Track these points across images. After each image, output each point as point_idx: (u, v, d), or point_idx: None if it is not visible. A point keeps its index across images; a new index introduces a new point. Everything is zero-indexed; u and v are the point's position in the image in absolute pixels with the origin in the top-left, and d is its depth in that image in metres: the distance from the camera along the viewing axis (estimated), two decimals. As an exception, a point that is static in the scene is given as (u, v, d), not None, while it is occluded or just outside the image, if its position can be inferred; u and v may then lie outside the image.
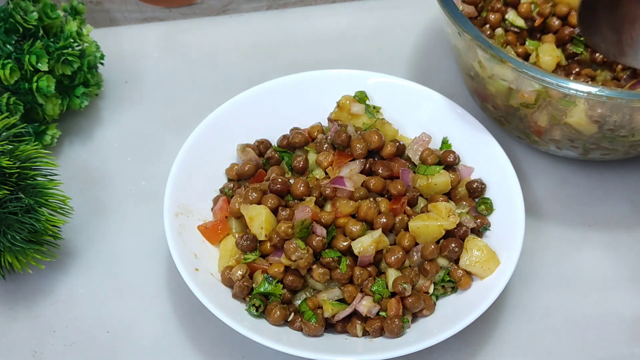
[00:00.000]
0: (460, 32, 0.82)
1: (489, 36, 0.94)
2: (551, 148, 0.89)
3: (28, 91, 0.88)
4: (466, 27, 0.81)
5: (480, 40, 0.80)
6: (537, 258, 0.87)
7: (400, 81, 0.92)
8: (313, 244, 0.76)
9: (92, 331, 0.82)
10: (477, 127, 0.88)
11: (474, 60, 0.84)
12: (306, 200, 0.80)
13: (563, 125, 0.82)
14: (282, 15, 1.12)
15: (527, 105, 0.82)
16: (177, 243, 0.78)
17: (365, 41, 1.09)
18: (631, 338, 0.82)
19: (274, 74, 0.93)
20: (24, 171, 0.78)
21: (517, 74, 0.79)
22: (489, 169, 0.86)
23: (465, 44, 0.84)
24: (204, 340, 0.81)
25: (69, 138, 0.97)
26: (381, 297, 0.77)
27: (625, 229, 0.90)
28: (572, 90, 0.76)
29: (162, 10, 1.10)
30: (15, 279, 0.85)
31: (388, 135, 0.86)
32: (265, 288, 0.77)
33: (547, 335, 0.82)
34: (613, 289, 0.85)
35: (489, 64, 0.82)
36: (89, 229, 0.89)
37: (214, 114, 0.88)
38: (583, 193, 0.93)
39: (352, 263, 0.77)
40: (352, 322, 0.77)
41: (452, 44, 0.91)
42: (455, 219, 0.79)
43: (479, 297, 0.76)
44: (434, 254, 0.78)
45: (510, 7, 0.96)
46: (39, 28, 0.90)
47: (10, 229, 0.77)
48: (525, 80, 0.79)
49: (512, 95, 0.83)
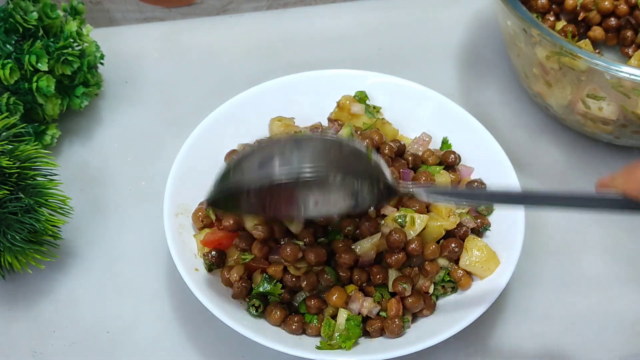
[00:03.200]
0: (527, 29, 0.84)
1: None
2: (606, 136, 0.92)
3: (28, 91, 0.88)
4: (534, 24, 0.84)
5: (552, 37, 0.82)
6: (537, 258, 0.87)
7: (400, 81, 0.92)
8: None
9: (92, 331, 0.82)
10: (477, 127, 0.88)
11: (541, 55, 0.86)
12: None
13: (631, 114, 0.84)
14: (282, 15, 1.12)
15: (595, 97, 0.84)
16: (177, 243, 0.78)
17: (365, 41, 1.09)
18: (631, 338, 0.82)
19: (274, 74, 0.93)
20: (24, 171, 0.78)
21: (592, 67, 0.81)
22: (489, 169, 0.86)
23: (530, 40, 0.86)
24: (204, 340, 0.81)
25: (69, 138, 0.97)
26: (381, 297, 0.77)
27: (625, 229, 0.90)
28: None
29: (162, 10, 1.10)
30: (15, 279, 0.85)
31: (388, 135, 0.87)
32: (264, 288, 0.77)
33: (547, 335, 0.82)
34: (613, 289, 0.85)
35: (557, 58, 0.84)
36: (89, 229, 0.89)
37: (214, 114, 0.88)
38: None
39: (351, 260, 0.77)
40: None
41: (511, 41, 0.92)
42: (456, 219, 0.79)
43: (479, 297, 0.76)
44: (434, 254, 0.78)
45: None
46: (38, 28, 0.90)
47: (10, 229, 0.77)
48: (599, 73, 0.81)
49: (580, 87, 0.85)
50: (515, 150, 0.95)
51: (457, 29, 1.10)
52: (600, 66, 0.80)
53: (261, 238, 0.77)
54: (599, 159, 0.96)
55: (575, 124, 0.93)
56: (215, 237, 0.80)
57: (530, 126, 0.99)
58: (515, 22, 0.87)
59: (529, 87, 0.96)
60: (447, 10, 1.12)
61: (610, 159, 0.95)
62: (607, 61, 0.80)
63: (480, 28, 1.10)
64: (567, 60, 0.83)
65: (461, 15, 1.12)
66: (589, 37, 0.98)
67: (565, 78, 0.86)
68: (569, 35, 0.95)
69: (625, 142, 0.92)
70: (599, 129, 0.90)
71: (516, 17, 0.85)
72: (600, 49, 1.01)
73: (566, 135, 0.98)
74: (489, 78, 1.05)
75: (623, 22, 0.98)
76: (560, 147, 0.97)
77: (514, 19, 0.86)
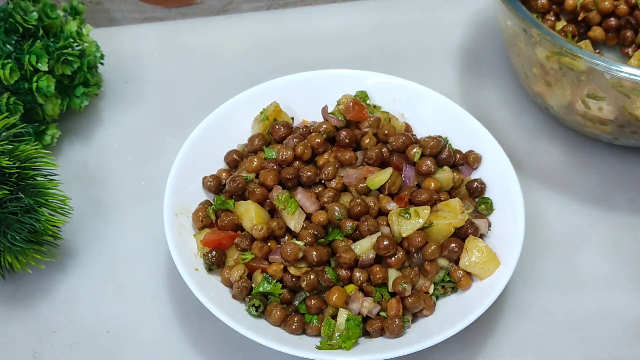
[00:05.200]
0: (527, 29, 0.84)
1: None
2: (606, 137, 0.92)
3: (28, 91, 0.88)
4: (534, 24, 0.84)
5: (552, 37, 0.82)
6: (537, 258, 0.87)
7: (400, 81, 0.92)
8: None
9: (92, 331, 0.82)
10: (477, 127, 0.88)
11: (541, 55, 0.86)
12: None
13: (629, 115, 0.84)
14: (282, 15, 1.12)
15: (595, 97, 0.84)
16: (177, 243, 0.78)
17: (365, 41, 1.09)
18: (631, 338, 0.82)
19: (274, 74, 0.93)
20: (24, 171, 0.78)
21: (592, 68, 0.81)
22: (489, 169, 0.86)
23: (530, 40, 0.86)
24: (204, 340, 0.81)
25: (69, 138, 0.97)
26: (381, 297, 0.77)
27: (625, 229, 0.90)
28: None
29: (162, 10, 1.10)
30: (15, 279, 0.85)
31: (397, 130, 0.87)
32: (264, 288, 0.77)
33: (547, 335, 0.82)
34: (613, 289, 0.85)
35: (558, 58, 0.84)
36: (89, 229, 0.89)
37: (214, 114, 0.88)
38: (583, 193, 0.93)
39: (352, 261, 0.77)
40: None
41: (511, 41, 0.93)
42: (464, 216, 0.79)
43: (479, 297, 0.76)
44: (435, 254, 0.78)
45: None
46: (38, 28, 0.90)
47: (10, 229, 0.77)
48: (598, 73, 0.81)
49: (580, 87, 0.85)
50: (515, 150, 0.95)
51: (457, 29, 1.10)
52: (600, 66, 0.80)
53: (261, 237, 0.77)
54: (599, 159, 0.96)
55: (575, 124, 0.93)
56: (215, 237, 0.80)
57: (530, 126, 0.99)
58: (515, 22, 0.87)
59: (529, 87, 0.96)
60: (447, 10, 1.12)
61: (610, 159, 0.95)
62: (607, 61, 0.80)
63: (480, 28, 1.10)
64: (567, 61, 0.83)
65: (461, 15, 1.12)
66: (589, 37, 0.98)
67: (565, 78, 0.86)
68: (569, 35, 0.96)
69: (624, 142, 0.92)
70: (598, 129, 0.90)
71: (516, 17, 0.85)
72: (600, 49, 1.01)
73: (566, 135, 0.98)
74: (489, 78, 1.05)
75: (623, 22, 0.98)
76: (560, 147, 0.97)
77: (514, 19, 0.86)
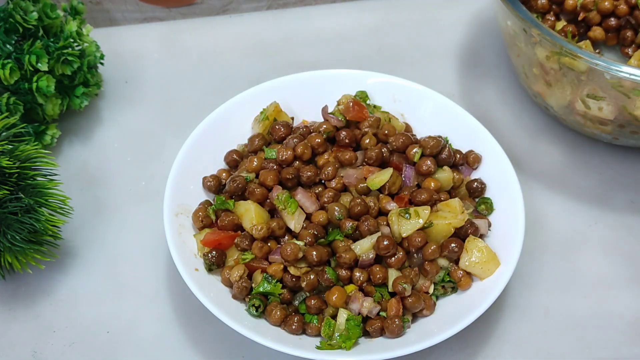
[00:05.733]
0: (527, 29, 0.84)
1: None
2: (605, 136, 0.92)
3: (28, 91, 0.88)
4: (534, 24, 0.84)
5: (554, 37, 0.82)
6: (537, 258, 0.87)
7: (400, 81, 0.92)
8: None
9: (92, 331, 0.82)
10: (477, 127, 0.88)
11: (540, 55, 0.86)
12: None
13: (628, 115, 0.85)
14: (282, 15, 1.12)
15: (595, 97, 0.84)
16: (177, 243, 0.78)
17: (365, 41, 1.09)
18: (631, 338, 0.82)
19: (274, 74, 0.93)
20: (24, 171, 0.78)
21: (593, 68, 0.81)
22: (489, 169, 0.86)
23: (530, 40, 0.86)
24: (204, 340, 0.81)
25: (69, 138, 0.97)
26: (381, 297, 0.77)
27: (625, 229, 0.90)
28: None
29: (162, 10, 1.10)
30: (15, 279, 0.85)
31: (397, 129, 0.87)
32: (264, 288, 0.77)
33: (547, 335, 0.82)
34: (613, 289, 0.85)
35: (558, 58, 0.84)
36: (89, 229, 0.89)
37: (214, 113, 0.88)
38: (583, 193, 0.93)
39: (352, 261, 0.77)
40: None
41: (511, 41, 0.93)
42: (464, 216, 0.79)
43: (479, 298, 0.76)
44: (435, 254, 0.78)
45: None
46: (38, 28, 0.90)
47: (10, 229, 0.77)
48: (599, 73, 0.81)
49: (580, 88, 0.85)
50: (515, 150, 0.95)
51: (457, 29, 1.10)
52: (600, 66, 0.80)
53: (261, 237, 0.78)
54: (598, 159, 0.96)
55: (575, 124, 0.93)
56: (215, 237, 0.80)
57: (530, 126, 0.99)
58: (515, 22, 0.87)
59: (529, 87, 0.96)
60: (447, 10, 1.12)
61: (610, 159, 0.95)
62: (607, 61, 0.80)
63: (480, 28, 1.10)
64: (567, 61, 0.83)
65: (461, 15, 1.12)
66: (589, 37, 0.98)
67: (565, 78, 0.86)
68: (569, 35, 0.96)
69: (624, 142, 0.92)
70: (598, 129, 0.90)
71: (516, 17, 0.85)
72: (600, 49, 1.01)
73: (566, 135, 0.98)
74: (489, 78, 1.05)
75: (623, 22, 0.98)
76: (560, 147, 0.97)
77: (514, 19, 0.86)
